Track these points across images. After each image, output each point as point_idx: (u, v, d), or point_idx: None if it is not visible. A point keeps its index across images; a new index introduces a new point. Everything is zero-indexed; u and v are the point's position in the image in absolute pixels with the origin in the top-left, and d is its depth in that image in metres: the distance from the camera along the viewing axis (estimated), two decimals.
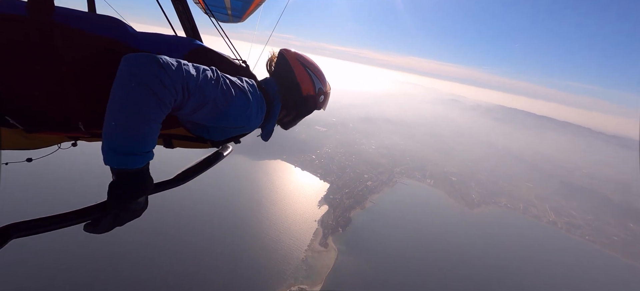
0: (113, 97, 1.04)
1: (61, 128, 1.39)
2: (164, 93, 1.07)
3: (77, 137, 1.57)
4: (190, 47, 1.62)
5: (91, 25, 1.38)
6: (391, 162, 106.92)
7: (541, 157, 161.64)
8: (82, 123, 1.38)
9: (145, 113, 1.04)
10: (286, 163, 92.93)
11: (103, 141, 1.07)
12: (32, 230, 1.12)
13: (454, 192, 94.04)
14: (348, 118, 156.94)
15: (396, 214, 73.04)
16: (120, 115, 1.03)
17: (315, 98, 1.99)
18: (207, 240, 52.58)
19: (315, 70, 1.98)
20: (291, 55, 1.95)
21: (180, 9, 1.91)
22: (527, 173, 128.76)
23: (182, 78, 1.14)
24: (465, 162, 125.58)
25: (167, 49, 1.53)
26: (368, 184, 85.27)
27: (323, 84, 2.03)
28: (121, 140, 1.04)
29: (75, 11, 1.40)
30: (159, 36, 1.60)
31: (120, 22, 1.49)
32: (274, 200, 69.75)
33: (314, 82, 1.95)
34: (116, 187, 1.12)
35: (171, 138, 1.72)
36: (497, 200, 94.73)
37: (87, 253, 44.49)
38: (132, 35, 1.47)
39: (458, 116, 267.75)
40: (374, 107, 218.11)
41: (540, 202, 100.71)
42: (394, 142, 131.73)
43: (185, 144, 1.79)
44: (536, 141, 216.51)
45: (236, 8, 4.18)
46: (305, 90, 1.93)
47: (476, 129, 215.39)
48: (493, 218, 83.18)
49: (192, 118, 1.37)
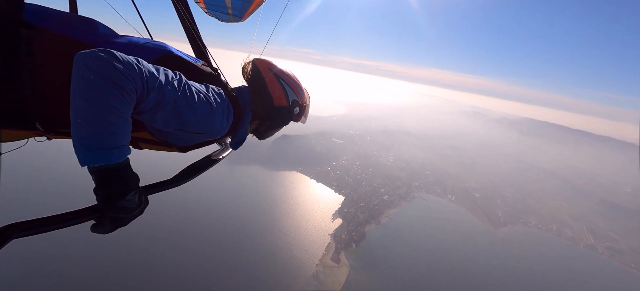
0: (73, 93, 1.01)
1: (19, 126, 1.36)
2: (124, 81, 1.04)
3: (39, 134, 1.54)
4: (159, 52, 1.61)
5: (58, 24, 1.36)
6: (409, 175, 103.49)
7: (576, 173, 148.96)
8: (39, 123, 1.37)
9: (108, 102, 1.01)
10: (301, 175, 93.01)
11: (73, 142, 1.04)
12: (32, 230, 1.13)
13: (477, 209, 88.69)
14: (366, 130, 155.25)
15: (413, 231, 69.84)
16: (84, 108, 1.00)
17: (289, 109, 1.97)
18: (216, 248, 53.01)
19: (289, 81, 1.95)
20: (263, 65, 1.93)
21: (180, 8, 1.86)
22: (560, 190, 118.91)
23: (140, 72, 1.12)
24: (489, 177, 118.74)
25: (136, 52, 1.48)
26: (384, 198, 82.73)
27: (298, 96, 2.00)
28: (89, 135, 1.01)
29: (47, 9, 1.38)
30: (130, 40, 1.59)
31: (91, 23, 1.48)
32: (287, 212, 69.42)
33: (287, 93, 1.93)
34: (99, 188, 1.10)
35: (137, 140, 1.71)
36: (525, 219, 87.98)
37: (89, 257, 45.79)
38: (101, 37, 1.47)
39: (482, 129, 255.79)
40: (393, 119, 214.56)
41: (576, 222, 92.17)
42: (413, 155, 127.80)
43: (153, 147, 1.78)
44: (571, 156, 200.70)
45: (237, 7, 4.22)
46: (277, 101, 1.92)
47: (502, 143, 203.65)
48: (521, 239, 77.06)
49: (154, 122, 1.35)
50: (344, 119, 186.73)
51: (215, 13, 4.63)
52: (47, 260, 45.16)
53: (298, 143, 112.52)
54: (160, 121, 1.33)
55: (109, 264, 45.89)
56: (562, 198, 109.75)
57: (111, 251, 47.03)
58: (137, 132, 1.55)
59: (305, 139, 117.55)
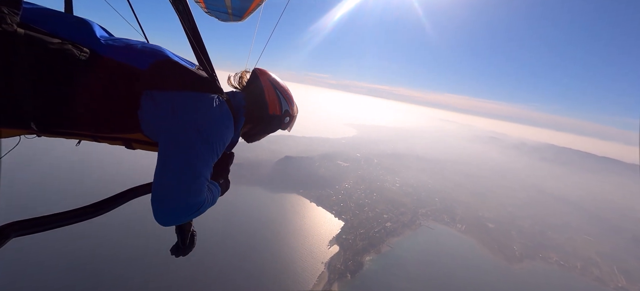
0: (205, 208, 1.55)
1: (14, 125, 1.35)
2: (200, 199, 1.46)
3: (30, 133, 1.51)
4: (156, 57, 1.62)
5: (54, 25, 1.39)
6: (416, 201, 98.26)
7: (605, 205, 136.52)
8: (34, 123, 1.36)
9: (212, 202, 1.66)
10: (302, 197, 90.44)
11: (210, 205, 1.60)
12: (32, 229, 1.13)
13: (491, 241, 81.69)
14: (373, 153, 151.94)
15: (416, 263, 64.45)
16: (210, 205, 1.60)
17: (281, 118, 2.13)
18: (201, 272, 50.39)
19: (284, 93, 2.11)
20: (264, 76, 2.08)
21: (180, 8, 1.86)
22: (586, 224, 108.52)
23: (201, 183, 1.47)
24: (505, 207, 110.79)
25: (132, 56, 1.54)
26: (387, 225, 78.12)
27: (290, 107, 2.15)
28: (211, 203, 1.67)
29: (45, 10, 1.41)
30: (126, 43, 1.61)
31: (87, 24, 1.52)
32: (282, 237, 66.44)
33: (281, 103, 2.08)
34: None
35: (131, 141, 1.73)
36: (545, 255, 79.78)
37: None
38: (97, 40, 1.49)
39: (498, 155, 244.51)
40: (402, 142, 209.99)
41: (605, 261, 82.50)
42: (421, 181, 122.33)
43: (146, 148, 1.81)
44: (597, 186, 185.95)
45: (236, 7, 4.27)
46: (272, 110, 2.06)
47: (520, 170, 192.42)
48: (540, 277, 69.41)
49: (152, 136, 1.57)
50: (352, 142, 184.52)
51: (215, 13, 4.66)
52: (48, 260, 45.88)
53: (301, 164, 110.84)
54: (161, 143, 1.50)
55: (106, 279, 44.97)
56: (588, 233, 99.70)
57: (107, 274, 46.19)
58: (131, 133, 1.60)
59: (309, 161, 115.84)
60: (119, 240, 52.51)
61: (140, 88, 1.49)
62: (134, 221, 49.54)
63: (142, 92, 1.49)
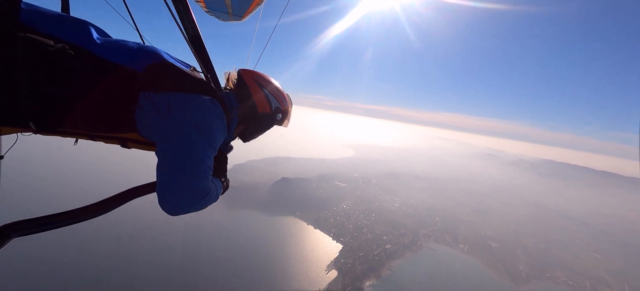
0: (207, 202, 1.59)
1: (12, 124, 1.36)
2: (206, 186, 1.52)
3: (27, 131, 1.52)
4: (152, 59, 1.64)
5: (52, 26, 1.41)
6: (416, 222, 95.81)
7: (608, 220, 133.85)
8: (33, 123, 1.37)
9: (216, 197, 1.70)
10: (299, 220, 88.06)
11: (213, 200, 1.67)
12: (33, 229, 1.13)
13: (495, 262, 78.81)
14: (371, 174, 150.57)
15: (419, 287, 61.51)
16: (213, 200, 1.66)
17: (272, 115, 2.17)
18: None
19: (272, 90, 2.14)
20: (248, 75, 2.12)
21: (180, 8, 1.86)
22: (591, 239, 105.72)
23: (206, 174, 1.54)
24: (507, 224, 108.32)
25: (129, 58, 1.56)
26: (387, 247, 75.44)
27: (280, 103, 2.19)
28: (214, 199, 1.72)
29: (43, 11, 1.43)
30: (122, 44, 1.62)
31: (84, 25, 1.54)
32: (277, 262, 63.70)
33: (270, 101, 2.12)
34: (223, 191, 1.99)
35: (126, 140, 1.75)
36: (552, 274, 76.78)
37: None
38: (93, 41, 1.51)
39: (497, 172, 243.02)
40: (401, 162, 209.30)
41: (615, 279, 79.36)
42: (421, 200, 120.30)
43: (141, 147, 1.83)
44: (599, 200, 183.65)
45: (236, 7, 4.31)
46: (261, 109, 2.10)
47: (519, 186, 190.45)
48: None
49: (149, 137, 1.58)
50: (350, 162, 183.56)
51: (215, 12, 4.66)
52: (48, 259, 45.65)
53: (298, 186, 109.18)
54: (157, 148, 1.53)
55: None
56: (595, 250, 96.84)
57: None
58: (127, 133, 1.63)
59: (306, 182, 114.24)
60: (116, 248, 50.77)
61: (137, 89, 1.51)
62: (132, 227, 47.42)
63: (139, 93, 1.51)
